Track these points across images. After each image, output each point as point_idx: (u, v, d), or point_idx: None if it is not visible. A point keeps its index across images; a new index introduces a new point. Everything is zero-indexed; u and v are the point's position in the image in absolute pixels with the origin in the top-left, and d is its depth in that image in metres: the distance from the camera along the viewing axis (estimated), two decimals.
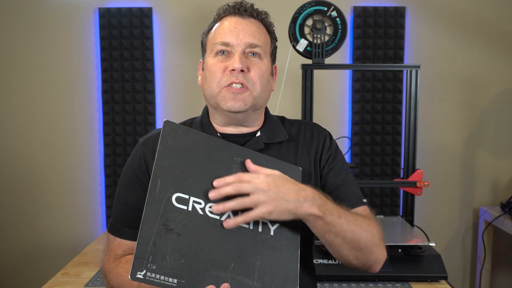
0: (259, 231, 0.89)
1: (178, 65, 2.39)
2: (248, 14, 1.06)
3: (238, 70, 1.00)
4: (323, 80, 2.32)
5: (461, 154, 2.45)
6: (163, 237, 0.82)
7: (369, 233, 0.97)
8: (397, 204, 2.40)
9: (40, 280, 2.26)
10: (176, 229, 0.83)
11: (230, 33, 1.03)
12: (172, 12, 2.38)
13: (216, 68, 1.02)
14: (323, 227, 0.90)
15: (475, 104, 2.43)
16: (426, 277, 1.62)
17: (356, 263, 1.00)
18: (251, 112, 1.05)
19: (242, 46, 1.02)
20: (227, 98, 1.01)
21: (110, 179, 2.41)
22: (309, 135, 1.12)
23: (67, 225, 2.45)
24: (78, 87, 2.40)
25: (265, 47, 1.06)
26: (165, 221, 0.83)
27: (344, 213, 0.94)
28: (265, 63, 1.05)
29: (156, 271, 0.80)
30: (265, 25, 1.09)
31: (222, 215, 0.87)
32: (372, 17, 2.34)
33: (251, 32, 1.03)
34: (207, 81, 1.05)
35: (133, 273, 0.79)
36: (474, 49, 2.39)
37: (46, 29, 2.37)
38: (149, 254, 0.80)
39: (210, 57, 1.05)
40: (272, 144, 1.08)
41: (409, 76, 1.87)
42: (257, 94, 1.03)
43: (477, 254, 2.47)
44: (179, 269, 0.81)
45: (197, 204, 0.86)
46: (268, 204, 0.84)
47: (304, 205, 0.86)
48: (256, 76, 1.02)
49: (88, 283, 1.62)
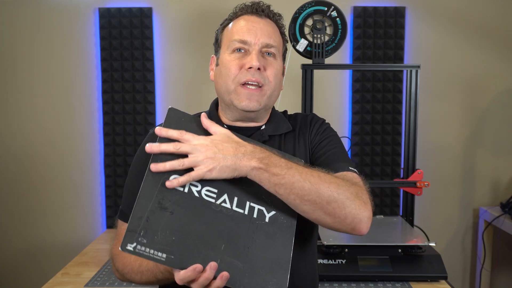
0: (254, 216, 0.91)
1: (178, 65, 2.39)
2: (265, 14, 1.10)
3: (255, 68, 1.03)
4: (323, 80, 2.32)
5: (461, 154, 2.45)
6: (156, 214, 0.84)
7: (332, 184, 0.89)
8: (397, 204, 2.40)
9: (40, 280, 2.25)
10: (170, 208, 0.86)
11: (248, 31, 1.06)
12: (172, 12, 2.37)
13: (232, 65, 1.05)
14: (270, 179, 0.87)
15: (475, 104, 2.43)
16: (426, 277, 1.62)
17: (331, 221, 0.91)
18: (263, 111, 1.10)
19: (259, 46, 1.05)
20: (241, 97, 1.05)
21: (110, 179, 2.41)
22: (304, 125, 1.16)
23: (67, 225, 2.45)
24: (78, 87, 2.40)
25: (279, 48, 1.10)
26: (160, 199, 0.86)
27: (298, 166, 0.90)
28: (279, 63, 1.10)
29: (146, 244, 0.82)
30: (279, 27, 1.13)
31: (217, 199, 0.89)
32: (372, 17, 2.34)
33: (268, 32, 1.07)
34: (222, 77, 1.07)
35: (124, 245, 0.81)
36: (474, 49, 2.39)
37: (46, 29, 2.37)
38: (141, 228, 0.83)
39: (226, 53, 1.08)
40: (275, 136, 1.12)
41: (409, 76, 1.87)
42: (271, 92, 1.07)
43: (477, 254, 2.47)
44: (169, 245, 0.83)
45: (194, 187, 0.89)
46: (206, 163, 0.86)
47: (243, 159, 0.87)
48: (272, 75, 1.06)
49: (88, 283, 1.62)
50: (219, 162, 0.86)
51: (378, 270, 1.62)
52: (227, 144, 0.88)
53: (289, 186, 0.88)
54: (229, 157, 0.87)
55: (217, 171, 0.86)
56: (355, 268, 1.62)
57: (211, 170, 0.86)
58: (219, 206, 0.89)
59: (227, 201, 0.90)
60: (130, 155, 2.38)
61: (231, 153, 0.87)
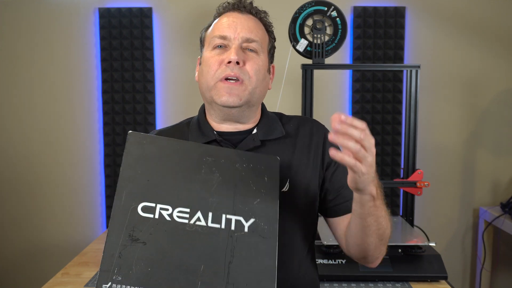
0: (232, 229, 0.88)
1: (178, 65, 2.39)
2: (247, 10, 1.07)
3: (234, 61, 1.00)
4: (323, 80, 2.32)
5: (461, 154, 2.45)
6: (128, 248, 0.82)
7: (389, 225, 0.98)
8: (397, 204, 2.40)
9: (40, 280, 2.25)
10: (142, 238, 0.83)
11: (228, 27, 1.04)
12: (172, 12, 2.37)
13: (212, 61, 1.03)
14: (371, 209, 0.90)
15: (475, 104, 2.43)
16: (426, 277, 1.62)
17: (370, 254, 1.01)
18: (246, 108, 1.05)
19: (239, 40, 1.03)
20: (221, 92, 1.01)
21: (110, 179, 2.41)
22: (308, 132, 1.11)
23: (67, 225, 2.45)
24: (78, 87, 2.40)
25: (263, 44, 1.06)
26: (130, 231, 0.83)
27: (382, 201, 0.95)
28: (262, 58, 1.06)
29: (122, 282, 0.79)
30: (264, 24, 1.10)
31: (190, 219, 0.86)
32: (372, 17, 2.34)
33: (249, 27, 1.04)
34: (203, 75, 1.05)
35: (99, 286, 0.79)
36: (474, 49, 2.39)
37: (46, 29, 2.37)
38: (114, 265, 0.80)
39: (207, 51, 1.06)
40: (268, 140, 1.08)
41: (409, 76, 1.87)
42: (252, 88, 1.03)
43: (477, 254, 2.47)
44: (146, 277, 0.80)
45: (164, 211, 0.86)
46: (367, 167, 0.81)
47: (372, 183, 0.85)
48: (252, 70, 1.03)
49: (88, 283, 1.62)
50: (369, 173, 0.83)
51: (378, 270, 1.62)
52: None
53: (377, 219, 0.93)
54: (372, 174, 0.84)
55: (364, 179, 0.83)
56: (355, 268, 1.62)
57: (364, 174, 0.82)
58: (194, 225, 0.86)
59: (201, 218, 0.87)
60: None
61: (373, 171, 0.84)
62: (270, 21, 1.11)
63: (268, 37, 1.10)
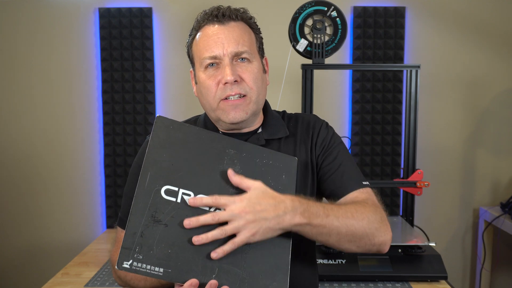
0: None
1: (178, 65, 2.39)
2: (227, 18, 1.03)
3: (231, 82, 1.00)
4: (323, 80, 2.32)
5: (461, 154, 2.45)
6: (150, 228, 0.84)
7: (364, 221, 0.94)
8: (397, 204, 2.40)
9: (40, 280, 2.26)
10: (164, 220, 0.85)
11: (215, 44, 1.01)
12: (172, 12, 2.38)
13: (209, 83, 1.02)
14: (313, 230, 0.90)
15: (475, 104, 2.43)
16: (426, 277, 1.62)
17: (360, 251, 0.99)
18: (252, 116, 1.06)
19: (228, 56, 1.01)
20: (227, 111, 1.02)
21: (110, 179, 2.41)
22: (305, 128, 1.12)
23: (68, 225, 2.45)
24: (78, 87, 2.40)
25: (252, 49, 1.04)
26: (153, 212, 0.85)
27: (332, 209, 0.92)
28: (255, 64, 1.04)
29: (143, 260, 0.81)
30: (246, 22, 1.06)
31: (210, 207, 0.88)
32: (372, 17, 2.34)
33: (235, 39, 1.01)
34: (204, 96, 1.05)
35: (120, 263, 0.81)
36: (474, 49, 2.39)
37: (46, 29, 2.37)
38: (136, 244, 0.82)
39: (200, 71, 1.04)
40: (272, 140, 1.09)
41: (409, 76, 1.87)
42: (256, 98, 1.04)
43: (477, 254, 2.47)
44: (166, 258, 0.83)
45: (186, 196, 0.88)
46: (249, 227, 0.84)
47: (285, 218, 0.86)
48: (251, 81, 1.02)
49: (88, 283, 1.62)
50: (261, 225, 0.84)
51: (378, 270, 1.62)
52: (265, 202, 0.85)
53: (330, 233, 0.91)
54: (271, 218, 0.84)
55: (260, 234, 0.85)
56: (355, 268, 1.62)
57: (254, 234, 0.84)
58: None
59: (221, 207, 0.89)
60: (130, 155, 2.38)
61: (272, 214, 0.85)
62: (251, 16, 1.07)
63: (254, 35, 1.07)
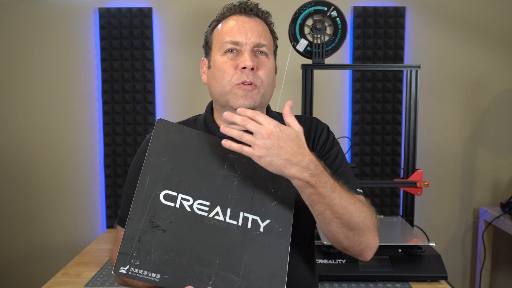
0: (248, 227, 0.90)
1: (178, 65, 2.39)
2: (254, 13, 1.08)
3: (249, 68, 1.02)
4: (323, 80, 2.32)
5: (461, 154, 2.45)
6: (148, 233, 0.83)
7: (362, 214, 0.95)
8: (397, 204, 2.40)
9: (40, 280, 2.26)
10: (162, 226, 0.85)
11: (239, 32, 1.05)
12: (172, 12, 2.38)
13: (226, 66, 1.04)
14: (313, 196, 0.90)
15: (475, 104, 2.43)
16: (426, 277, 1.62)
17: (346, 244, 0.98)
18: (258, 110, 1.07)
19: (250, 45, 1.04)
20: (238, 96, 1.03)
21: (110, 179, 2.41)
22: (307, 130, 1.13)
23: (68, 225, 2.45)
24: (78, 87, 2.40)
25: (270, 46, 1.09)
26: (151, 217, 0.84)
27: (340, 189, 0.93)
28: (271, 61, 1.09)
29: (140, 266, 0.81)
30: (268, 24, 1.12)
31: (209, 213, 0.88)
32: (372, 17, 2.34)
33: (258, 31, 1.06)
34: (216, 79, 1.06)
35: (117, 268, 0.80)
36: (474, 49, 2.39)
37: (46, 29, 2.37)
38: (133, 249, 0.82)
39: (218, 55, 1.07)
40: None
41: (409, 76, 1.87)
42: (264, 91, 1.06)
43: (477, 254, 2.47)
44: (163, 264, 0.82)
45: (185, 201, 0.87)
46: (261, 149, 0.85)
47: (293, 168, 0.86)
48: (264, 74, 1.05)
49: (88, 283, 1.62)
50: (271, 156, 0.85)
51: (378, 270, 1.62)
52: (290, 144, 0.87)
53: (327, 207, 0.91)
54: (282, 157, 0.85)
55: (265, 162, 0.86)
56: (355, 268, 1.62)
57: (260, 157, 0.85)
58: (212, 219, 0.88)
59: (220, 213, 0.89)
60: (130, 155, 2.38)
61: (286, 155, 0.86)
62: (271, 21, 1.14)
63: (272, 38, 1.13)
